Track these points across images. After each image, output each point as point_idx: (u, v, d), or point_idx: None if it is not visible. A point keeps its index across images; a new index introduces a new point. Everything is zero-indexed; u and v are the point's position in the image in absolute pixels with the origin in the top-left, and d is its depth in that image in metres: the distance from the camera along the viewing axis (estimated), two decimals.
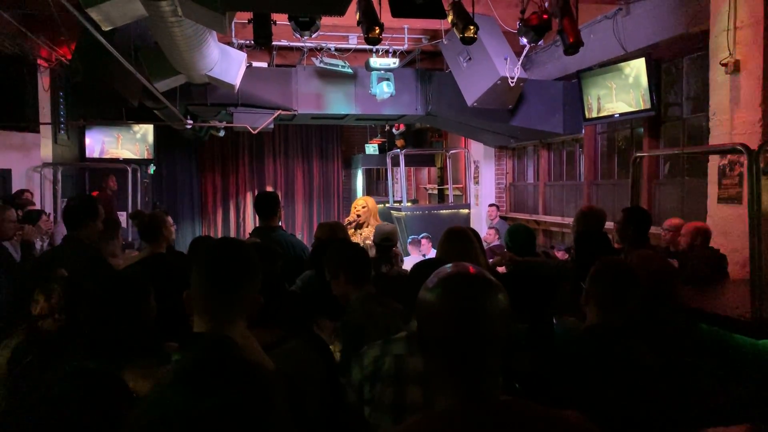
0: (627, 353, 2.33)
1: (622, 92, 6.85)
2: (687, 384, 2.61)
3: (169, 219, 5.00)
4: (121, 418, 1.27)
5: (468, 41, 5.36)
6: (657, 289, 2.88)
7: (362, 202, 6.63)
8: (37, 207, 7.58)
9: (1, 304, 4.01)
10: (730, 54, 5.15)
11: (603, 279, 2.45)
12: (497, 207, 10.00)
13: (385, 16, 5.41)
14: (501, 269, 4.20)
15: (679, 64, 6.69)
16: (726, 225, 5.24)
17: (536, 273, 3.89)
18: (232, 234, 13.90)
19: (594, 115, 7.28)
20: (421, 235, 8.74)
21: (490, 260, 5.04)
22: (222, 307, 1.62)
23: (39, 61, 8.36)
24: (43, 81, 8.58)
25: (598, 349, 2.33)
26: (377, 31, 5.24)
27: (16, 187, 8.09)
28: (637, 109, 6.72)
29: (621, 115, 6.93)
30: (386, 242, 4.69)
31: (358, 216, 6.41)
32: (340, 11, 3.26)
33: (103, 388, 1.29)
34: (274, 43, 8.03)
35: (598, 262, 2.52)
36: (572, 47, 5.55)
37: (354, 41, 8.38)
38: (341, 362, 2.68)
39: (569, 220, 8.13)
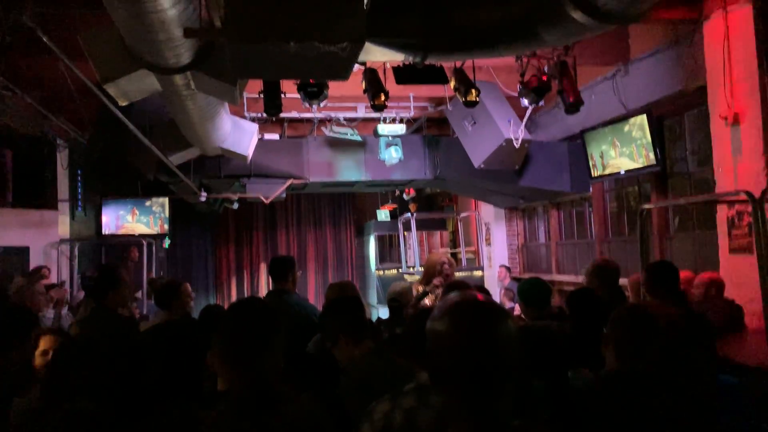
0: (646, 400, 2.30)
1: (626, 149, 6.95)
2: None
3: (188, 287, 5.07)
4: None
5: (471, 104, 5.52)
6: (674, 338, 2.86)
7: (442, 258, 5.26)
8: (53, 281, 7.70)
9: None
10: (729, 107, 5.26)
11: (622, 325, 2.43)
12: (508, 268, 9.96)
13: (391, 85, 5.61)
14: None
15: (680, 119, 6.81)
16: (739, 275, 5.21)
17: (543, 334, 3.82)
18: None
19: (600, 172, 7.36)
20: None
21: None
22: (255, 365, 1.68)
23: (58, 141, 8.65)
24: (62, 159, 8.84)
25: (616, 395, 2.31)
26: (383, 98, 5.43)
27: (33, 263, 8.23)
28: (642, 165, 6.79)
29: (627, 171, 7.00)
30: (393, 303, 4.66)
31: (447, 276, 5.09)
32: (344, 76, 3.41)
33: (97, 426, 1.32)
34: (285, 115, 8.30)
35: (619, 308, 2.52)
36: (573, 106, 5.70)
37: (362, 111, 8.62)
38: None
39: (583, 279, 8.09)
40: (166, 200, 10.37)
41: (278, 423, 1.11)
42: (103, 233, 10.24)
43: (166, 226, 10.72)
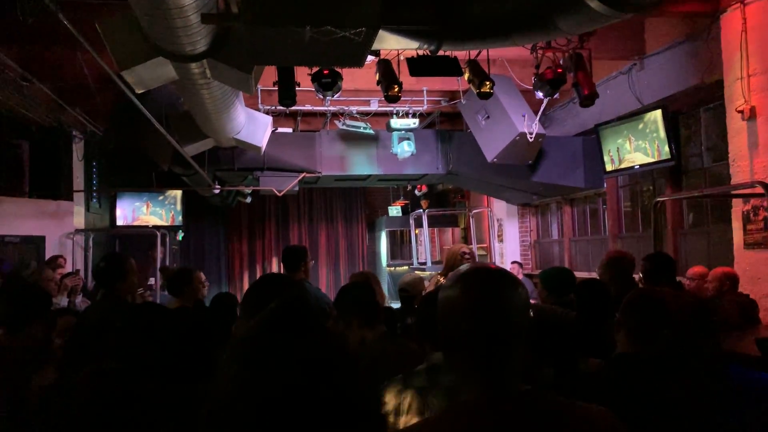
0: (653, 384, 2.29)
1: (641, 144, 6.92)
2: (713, 421, 2.54)
3: (202, 275, 5.10)
4: (138, 412, 1.31)
5: (485, 96, 5.52)
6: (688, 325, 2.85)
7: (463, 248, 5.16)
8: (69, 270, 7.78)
9: None
10: (745, 101, 5.23)
11: (635, 309, 2.43)
12: (520, 265, 9.94)
13: (404, 78, 5.62)
14: None
15: (696, 114, 6.77)
16: (754, 271, 5.17)
17: (551, 317, 3.82)
18: None
19: (614, 167, 7.33)
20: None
21: None
22: None
23: (74, 132, 8.74)
24: (77, 151, 8.93)
25: (626, 376, 2.30)
26: (396, 90, 5.44)
27: (49, 252, 8.32)
28: (656, 160, 6.76)
29: (641, 166, 6.97)
30: (403, 292, 4.69)
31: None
32: (359, 63, 3.43)
33: (121, 384, 1.34)
34: (298, 108, 8.34)
35: (632, 292, 2.52)
36: (588, 99, 5.67)
37: (375, 105, 8.64)
38: None
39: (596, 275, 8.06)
40: (180, 193, 10.45)
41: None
42: (118, 224, 10.34)
43: (179, 219, 10.81)
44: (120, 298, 3.76)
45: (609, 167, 7.40)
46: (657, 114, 6.64)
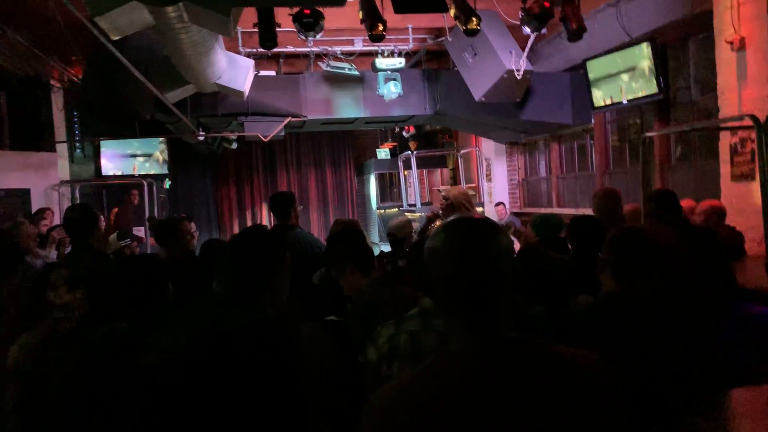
0: (644, 321, 2.31)
1: (629, 78, 6.85)
2: (708, 352, 2.57)
3: (192, 225, 5.05)
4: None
5: (471, 33, 5.40)
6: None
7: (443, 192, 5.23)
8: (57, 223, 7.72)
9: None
10: (734, 31, 5.14)
11: (619, 246, 2.41)
12: (504, 204, 10.01)
13: (389, 15, 5.47)
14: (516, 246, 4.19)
15: (684, 46, 6.68)
16: (740, 202, 5.21)
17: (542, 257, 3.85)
18: None
19: (602, 102, 7.27)
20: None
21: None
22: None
23: (52, 82, 8.53)
24: (57, 101, 8.74)
25: (613, 316, 2.32)
26: (380, 28, 5.31)
27: (36, 205, 8.24)
28: (644, 94, 6.70)
29: (629, 101, 6.92)
30: (390, 236, 4.70)
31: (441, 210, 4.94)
32: (340, 1, 3.32)
33: (133, 344, 1.35)
34: (281, 50, 8.15)
35: (615, 230, 2.50)
36: (576, 33, 5.57)
37: (359, 45, 8.45)
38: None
39: (584, 211, 8.11)
40: (165, 140, 10.31)
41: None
42: (103, 174, 10.22)
43: (165, 167, 10.70)
44: (94, 249, 3.74)
45: (600, 103, 7.33)
46: (646, 47, 6.54)
